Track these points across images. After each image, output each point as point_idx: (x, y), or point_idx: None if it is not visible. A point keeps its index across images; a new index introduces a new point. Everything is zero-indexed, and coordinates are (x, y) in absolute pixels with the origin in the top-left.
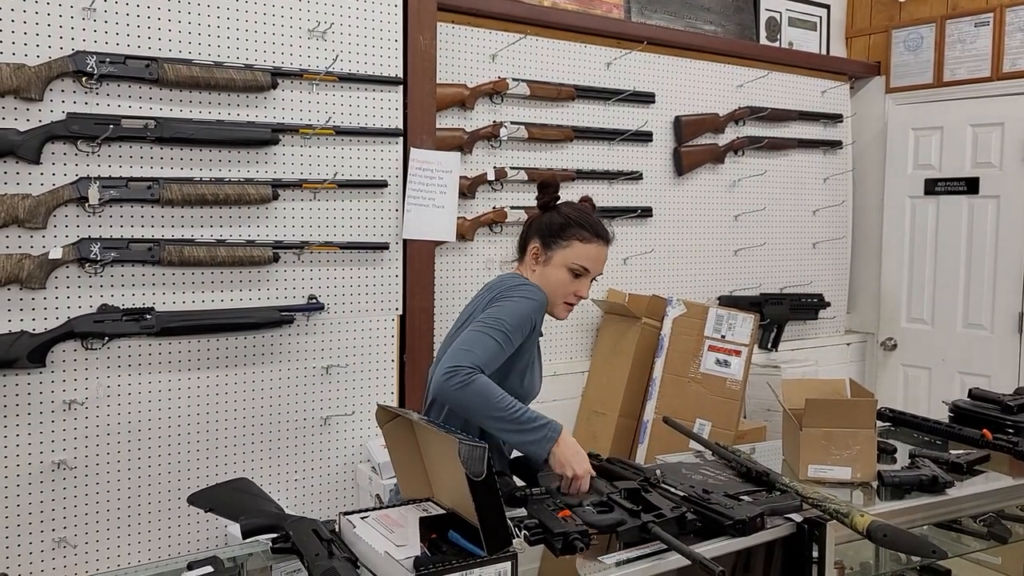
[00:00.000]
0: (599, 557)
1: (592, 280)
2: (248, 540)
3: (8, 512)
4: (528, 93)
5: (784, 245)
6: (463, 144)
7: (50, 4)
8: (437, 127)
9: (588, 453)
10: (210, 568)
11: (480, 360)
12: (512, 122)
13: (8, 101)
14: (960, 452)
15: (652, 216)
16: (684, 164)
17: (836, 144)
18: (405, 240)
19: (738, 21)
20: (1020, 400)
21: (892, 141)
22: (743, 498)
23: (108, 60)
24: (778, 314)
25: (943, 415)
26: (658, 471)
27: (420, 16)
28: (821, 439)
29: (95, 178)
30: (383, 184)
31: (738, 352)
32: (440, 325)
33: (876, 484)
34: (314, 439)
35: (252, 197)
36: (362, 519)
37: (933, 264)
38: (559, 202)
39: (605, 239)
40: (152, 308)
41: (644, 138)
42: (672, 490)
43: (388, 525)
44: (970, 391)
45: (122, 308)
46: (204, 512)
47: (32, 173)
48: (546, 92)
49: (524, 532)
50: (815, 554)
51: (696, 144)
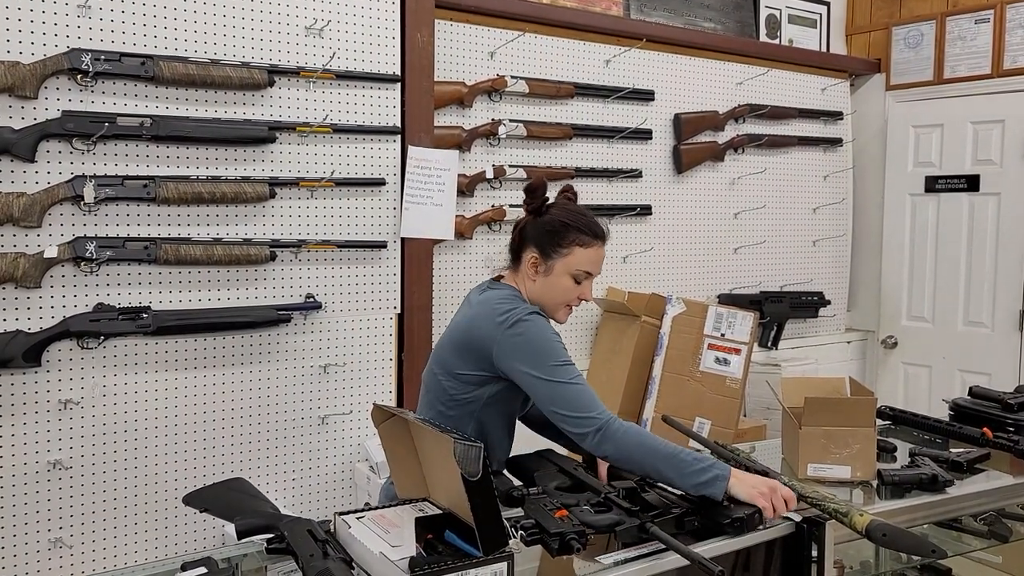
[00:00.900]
0: (597, 557)
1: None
2: (243, 541)
3: (3, 512)
4: (527, 91)
5: (784, 243)
6: (461, 142)
7: (45, 1)
8: (435, 125)
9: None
10: (204, 569)
11: (596, 406)
12: (511, 120)
13: (3, 99)
14: (960, 450)
15: (651, 214)
16: (684, 162)
17: (836, 142)
18: (403, 238)
19: (738, 18)
20: (1021, 398)
21: (892, 138)
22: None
23: (103, 57)
24: (778, 312)
25: (943, 413)
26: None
27: (418, 13)
28: (821, 438)
29: (91, 176)
30: (381, 182)
31: (738, 350)
32: (438, 324)
33: (876, 483)
34: (311, 438)
35: (249, 195)
36: (358, 519)
37: (933, 262)
38: (548, 204)
39: (603, 239)
40: (148, 307)
41: (643, 136)
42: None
43: (384, 525)
44: (970, 389)
45: (118, 307)
46: (199, 512)
47: (27, 171)
48: (545, 90)
49: (521, 532)
50: (814, 553)
51: (696, 142)
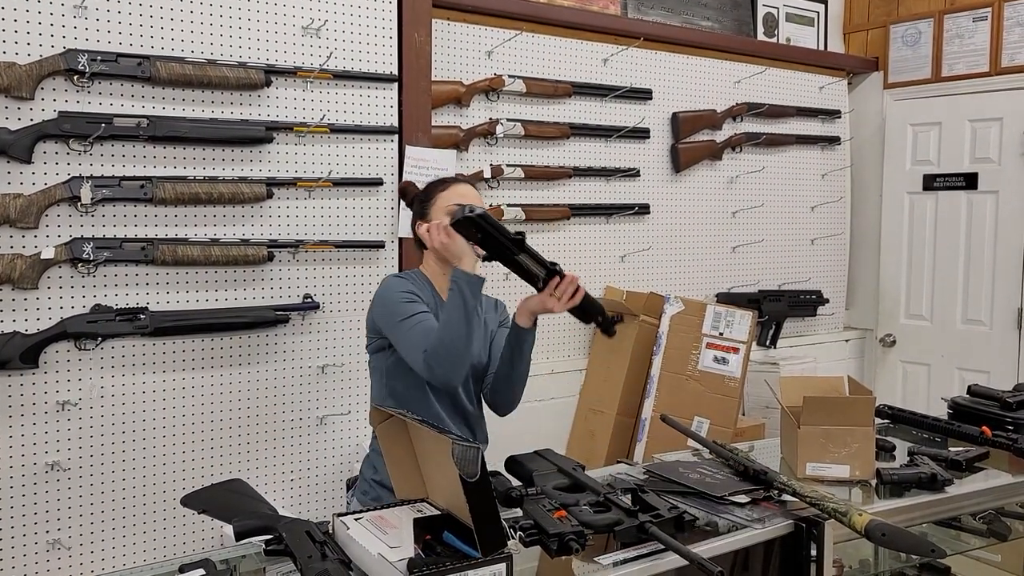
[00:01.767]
0: (596, 558)
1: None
2: (241, 542)
3: (1, 514)
4: (524, 90)
5: (782, 242)
6: (459, 142)
7: (41, 2)
8: (433, 125)
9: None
10: (202, 570)
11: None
12: (508, 119)
13: None
14: (959, 449)
15: (649, 213)
16: (681, 161)
17: (834, 140)
18: (401, 238)
19: (735, 17)
20: (1020, 396)
21: (890, 137)
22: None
23: (100, 58)
24: (776, 311)
25: (942, 412)
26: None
27: (415, 13)
28: (819, 437)
29: (87, 177)
30: (378, 182)
31: (736, 349)
32: None
33: (875, 482)
34: (310, 439)
35: (246, 196)
36: (356, 520)
37: (932, 260)
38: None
39: (460, 180)
40: (146, 308)
41: (641, 135)
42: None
43: (382, 527)
44: (969, 388)
45: (115, 308)
46: (198, 513)
47: (24, 172)
48: (542, 89)
49: (519, 533)
50: (813, 553)
51: (693, 140)
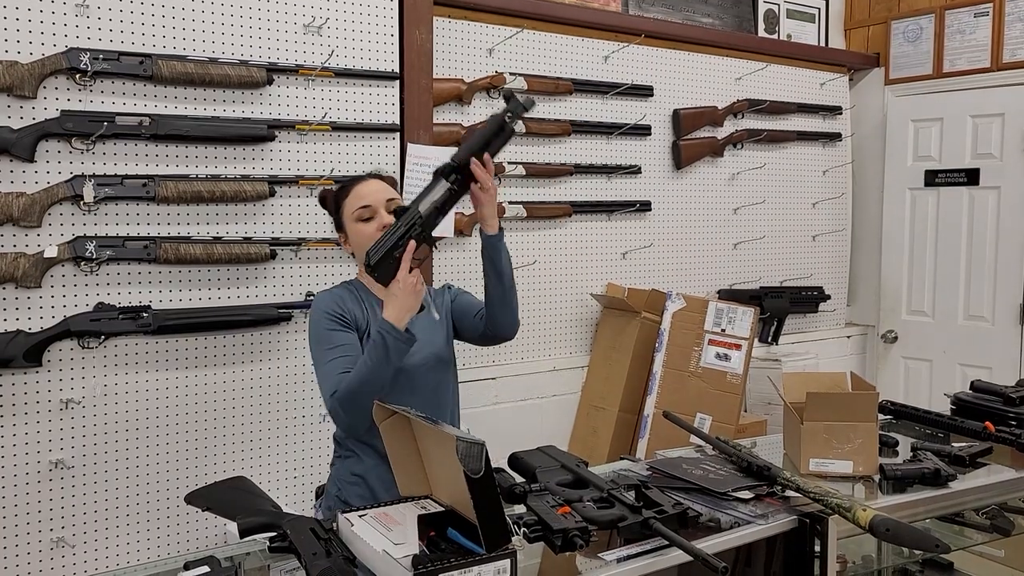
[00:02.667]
0: (600, 554)
1: (393, 209)
2: (245, 539)
3: (5, 512)
4: (525, 87)
5: (784, 238)
6: (460, 139)
7: (43, 1)
8: (434, 122)
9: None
10: (207, 568)
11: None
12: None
13: (1, 99)
14: (962, 445)
15: (651, 210)
16: (683, 157)
17: (835, 136)
18: None
19: (736, 13)
20: (1022, 392)
21: (892, 133)
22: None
23: (102, 57)
24: (778, 307)
25: (945, 408)
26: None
27: (416, 10)
28: (822, 433)
29: (90, 176)
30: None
31: (738, 346)
32: None
33: (878, 478)
34: (313, 436)
35: (248, 194)
36: (360, 517)
37: (934, 256)
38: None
39: (362, 178)
40: (149, 306)
41: (642, 132)
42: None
43: (386, 523)
44: (972, 383)
45: (118, 306)
46: (202, 511)
47: (26, 171)
48: (543, 86)
49: (523, 529)
50: (817, 549)
51: (695, 137)
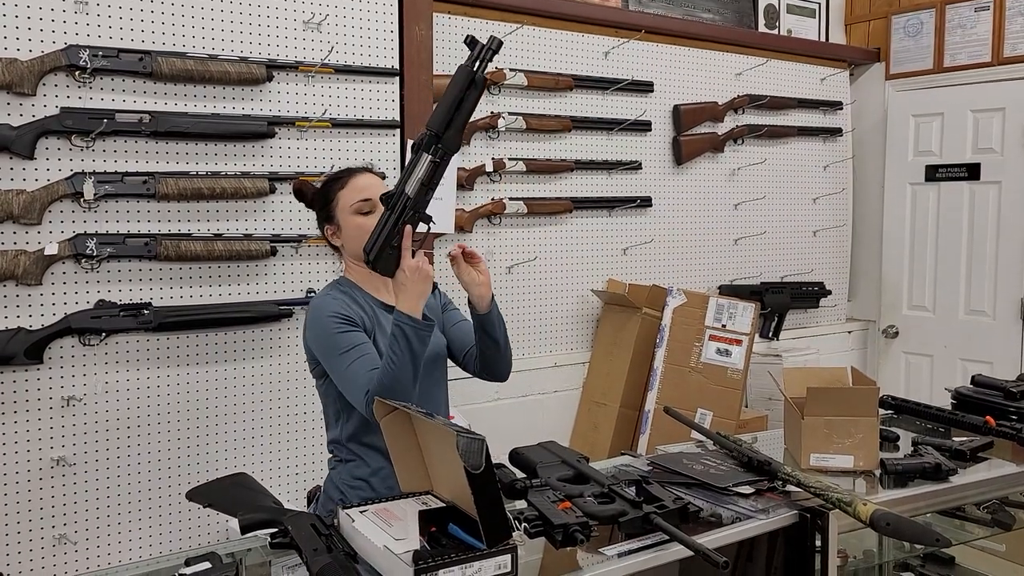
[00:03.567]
0: (600, 549)
1: (380, 197)
2: (247, 535)
3: (7, 509)
4: (526, 83)
5: (784, 233)
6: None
7: None
8: None
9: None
10: (208, 564)
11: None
12: (510, 113)
13: (1, 96)
14: (963, 439)
15: (651, 206)
16: (683, 153)
17: (836, 131)
18: None
19: (736, 9)
20: (1023, 387)
21: (892, 128)
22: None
23: (101, 54)
24: (779, 303)
25: (945, 402)
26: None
27: (416, 6)
28: (823, 428)
29: (90, 173)
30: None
31: (739, 341)
32: None
33: (879, 472)
34: (314, 433)
35: (249, 191)
36: (361, 513)
37: (934, 251)
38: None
39: (357, 171)
40: (149, 303)
41: (643, 127)
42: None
43: (387, 519)
44: (972, 378)
45: (119, 304)
46: (203, 507)
47: (26, 169)
48: (544, 82)
49: (524, 525)
50: (818, 543)
51: (695, 133)
